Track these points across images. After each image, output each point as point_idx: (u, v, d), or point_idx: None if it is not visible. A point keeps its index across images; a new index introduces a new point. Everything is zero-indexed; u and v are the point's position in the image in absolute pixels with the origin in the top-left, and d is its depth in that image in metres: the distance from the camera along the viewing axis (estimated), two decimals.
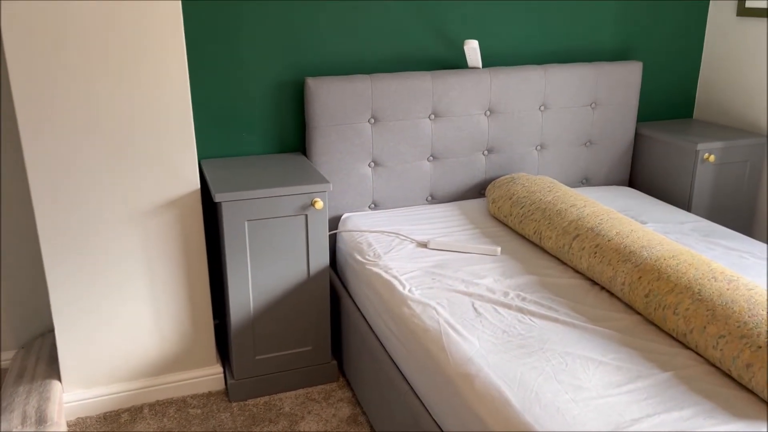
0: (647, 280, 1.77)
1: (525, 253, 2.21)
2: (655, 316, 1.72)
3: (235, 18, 2.30)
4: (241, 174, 2.22)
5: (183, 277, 2.18)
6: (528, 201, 2.36)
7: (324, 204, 2.14)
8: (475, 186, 2.73)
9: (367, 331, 2.09)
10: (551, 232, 2.17)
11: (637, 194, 2.79)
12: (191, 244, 2.16)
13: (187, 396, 2.28)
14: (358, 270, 2.20)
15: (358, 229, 2.39)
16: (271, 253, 2.14)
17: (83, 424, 2.13)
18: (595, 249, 1.98)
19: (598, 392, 1.45)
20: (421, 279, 2.01)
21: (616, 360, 1.57)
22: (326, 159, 2.44)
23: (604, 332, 1.70)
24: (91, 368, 2.16)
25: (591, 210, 2.18)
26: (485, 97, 2.61)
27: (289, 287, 2.21)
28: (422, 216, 2.52)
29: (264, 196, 2.07)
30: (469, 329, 1.72)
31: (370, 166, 2.53)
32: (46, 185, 1.95)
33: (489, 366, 1.55)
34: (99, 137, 1.96)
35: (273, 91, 2.43)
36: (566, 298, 1.89)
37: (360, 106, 2.43)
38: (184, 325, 2.24)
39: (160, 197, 2.08)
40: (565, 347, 1.63)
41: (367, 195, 2.56)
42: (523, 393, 1.44)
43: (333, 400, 2.27)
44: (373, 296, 2.06)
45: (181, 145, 2.05)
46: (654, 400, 1.42)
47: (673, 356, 1.60)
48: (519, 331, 1.71)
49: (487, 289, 1.94)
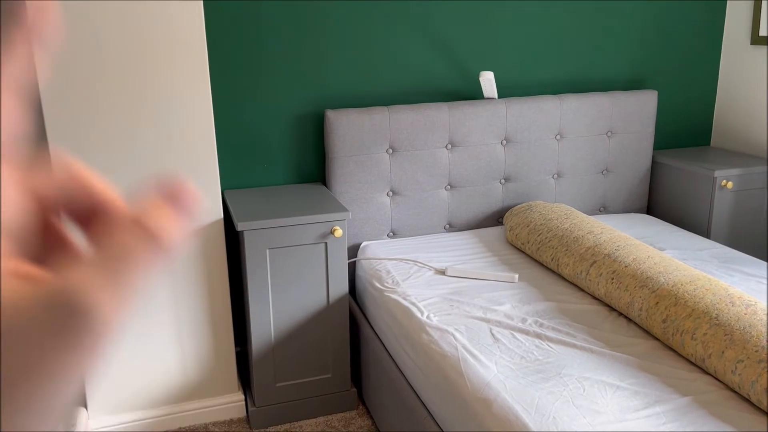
0: (665, 306, 1.78)
1: (542, 279, 2.22)
2: (673, 341, 1.72)
3: (256, 54, 2.39)
4: (262, 204, 2.28)
5: (206, 305, 2.23)
6: (545, 228, 2.38)
7: (343, 232, 2.19)
8: (492, 214, 2.76)
9: (386, 357, 2.11)
10: (568, 258, 2.18)
11: (655, 221, 2.79)
12: (214, 272, 2.21)
13: (209, 423, 2.31)
14: (376, 297, 2.23)
15: (376, 257, 2.42)
16: (292, 281, 2.19)
17: None
18: (612, 275, 1.99)
19: (615, 416, 1.45)
20: (440, 305, 2.03)
21: (634, 385, 1.58)
22: (345, 189, 2.50)
23: (621, 357, 1.70)
24: (117, 395, 2.20)
25: (608, 237, 2.20)
26: (501, 127, 2.66)
27: (309, 314, 2.24)
28: (440, 244, 2.55)
29: (285, 224, 2.12)
30: (487, 355, 1.73)
31: (388, 195, 2.58)
32: None
33: (506, 391, 1.56)
34: (126, 171, 2.03)
35: (293, 123, 2.50)
36: (584, 323, 1.90)
37: (378, 137, 2.49)
38: (206, 353, 2.28)
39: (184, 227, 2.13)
40: (583, 372, 1.63)
41: (385, 223, 2.60)
42: (540, 417, 1.45)
43: (353, 427, 2.28)
44: (392, 323, 2.08)
45: (206, 177, 2.12)
46: (673, 425, 1.42)
47: (691, 381, 1.60)
48: (537, 357, 1.72)
49: (505, 316, 1.95)
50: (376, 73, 2.56)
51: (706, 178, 2.71)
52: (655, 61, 2.97)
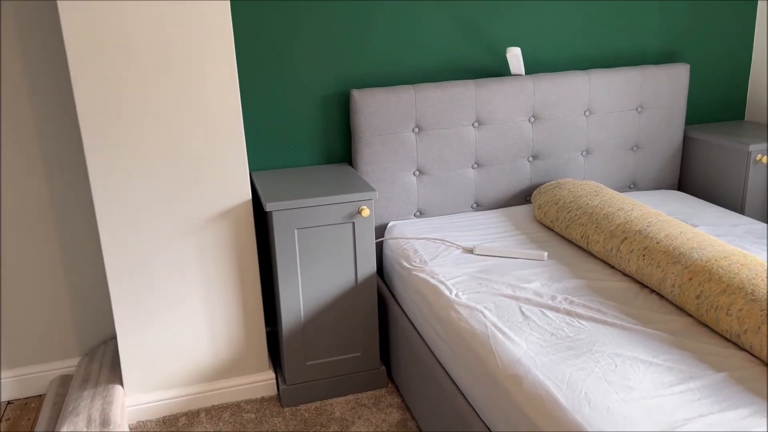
0: (698, 282, 1.75)
1: (572, 257, 2.20)
2: (707, 317, 1.69)
3: (283, 34, 2.39)
4: (290, 184, 2.29)
5: (236, 285, 2.26)
6: (574, 206, 2.35)
7: (370, 212, 2.19)
8: (520, 192, 2.73)
9: (414, 336, 2.12)
10: (598, 235, 2.16)
11: (688, 198, 2.74)
12: (244, 253, 2.23)
13: (241, 401, 2.34)
14: (404, 276, 2.24)
15: (404, 236, 2.42)
16: (320, 261, 2.20)
17: (144, 427, 2.22)
18: (644, 251, 1.96)
19: (648, 392, 1.44)
20: (468, 284, 2.03)
21: (668, 361, 1.56)
22: (372, 168, 2.50)
23: (654, 334, 1.68)
24: (151, 374, 2.25)
25: (639, 213, 2.16)
26: (529, 104, 2.62)
27: (338, 294, 2.26)
28: (467, 223, 2.53)
29: (313, 204, 2.13)
30: (517, 332, 1.73)
31: (415, 174, 2.57)
32: (108, 199, 2.05)
33: (537, 367, 1.55)
34: (155, 153, 2.06)
35: (319, 104, 2.50)
36: (615, 301, 1.88)
37: (404, 116, 2.47)
38: (237, 333, 2.31)
39: (214, 209, 2.16)
40: (615, 349, 1.62)
41: (412, 203, 2.59)
42: (572, 393, 1.45)
43: (383, 405, 2.30)
44: (420, 301, 2.09)
45: (234, 159, 2.14)
46: (708, 401, 1.40)
47: (726, 357, 1.57)
48: (567, 334, 1.71)
49: (534, 293, 1.94)
50: (401, 51, 2.54)
51: (739, 153, 2.65)
52: (687, 34, 2.89)
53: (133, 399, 2.25)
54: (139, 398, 2.26)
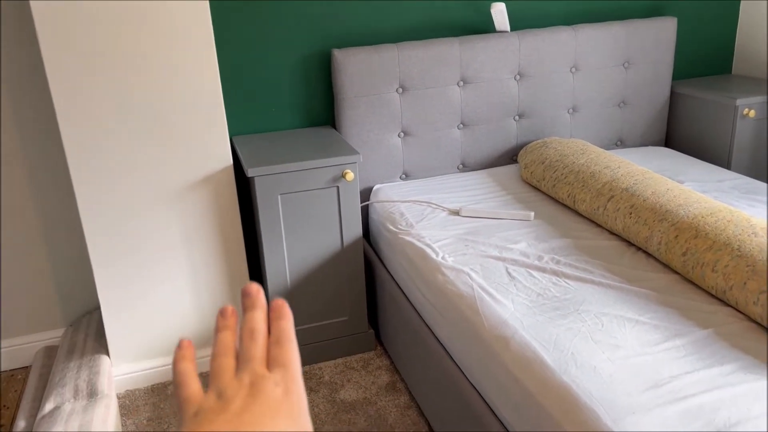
0: (684, 239, 1.74)
1: (559, 217, 2.19)
2: (693, 274, 1.69)
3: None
4: (272, 149, 2.24)
5: (220, 252, 2.23)
6: (561, 165, 2.33)
7: (355, 175, 2.15)
8: (506, 152, 2.70)
9: (402, 299, 2.11)
10: (585, 194, 2.14)
11: (674, 154, 2.72)
12: (227, 219, 2.20)
13: None
14: (391, 240, 2.22)
15: (389, 200, 2.40)
16: (305, 226, 2.17)
17: (132, 396, 2.21)
18: (631, 209, 1.95)
19: (635, 351, 1.44)
20: (454, 246, 2.01)
21: (654, 319, 1.56)
22: (356, 131, 2.45)
23: (640, 292, 1.68)
24: (138, 343, 2.24)
25: (625, 170, 2.15)
26: (514, 61, 2.57)
27: (324, 259, 2.24)
28: (454, 184, 2.51)
29: (295, 169, 2.09)
30: (504, 293, 1.72)
31: (399, 136, 2.53)
32: (85, 168, 2.00)
33: (524, 328, 1.55)
34: (132, 119, 2.00)
35: (299, 65, 2.43)
36: (601, 259, 1.88)
37: (387, 76, 2.42)
38: (223, 299, 2.29)
39: (194, 175, 2.12)
40: (601, 308, 1.62)
41: (397, 165, 2.56)
42: (558, 353, 1.44)
43: (371, 368, 2.30)
44: (407, 265, 2.07)
45: (212, 123, 2.08)
46: (693, 357, 1.41)
47: (712, 314, 1.57)
48: (554, 294, 1.70)
49: (521, 254, 1.93)
50: (383, 8, 2.47)
51: (727, 108, 2.62)
52: None
53: (120, 368, 2.24)
54: (127, 368, 2.24)
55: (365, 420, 2.04)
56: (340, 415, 2.07)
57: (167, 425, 2.06)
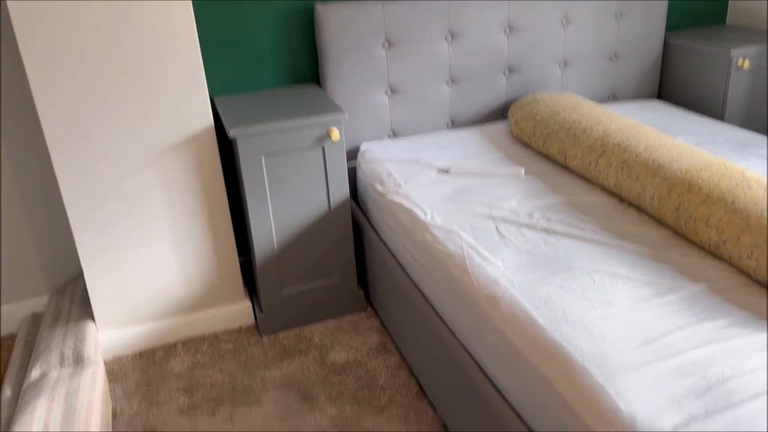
0: (677, 193, 1.71)
1: (550, 173, 2.15)
2: (686, 229, 1.66)
3: None
4: (254, 108, 2.17)
5: (205, 215, 2.18)
6: (552, 120, 2.27)
7: (340, 134, 2.09)
8: (496, 108, 2.64)
9: (391, 260, 2.08)
10: (576, 150, 2.09)
11: (668, 107, 2.67)
12: (210, 182, 2.14)
13: (218, 331, 2.32)
14: (378, 200, 2.17)
15: (377, 159, 2.34)
16: (291, 188, 2.12)
17: (120, 362, 2.19)
18: (623, 165, 1.91)
19: (627, 307, 1.41)
20: (443, 205, 1.97)
21: (646, 275, 1.53)
22: (341, 89, 2.38)
23: (632, 248, 1.65)
24: (123, 309, 2.20)
25: (618, 125, 2.10)
26: (504, 14, 2.49)
27: (311, 221, 2.19)
28: (443, 142, 2.45)
29: (279, 129, 2.03)
30: (493, 252, 1.69)
31: (386, 93, 2.46)
32: (61, 132, 1.93)
33: (514, 287, 1.52)
34: (108, 80, 1.92)
35: (282, 21, 2.34)
36: (593, 216, 1.84)
37: (373, 31, 2.33)
38: (209, 263, 2.25)
39: (174, 137, 2.05)
40: (593, 265, 1.59)
41: (385, 123, 2.50)
42: (549, 312, 1.42)
43: (361, 329, 2.28)
44: (395, 225, 2.03)
45: (191, 82, 2.01)
46: (686, 313, 1.38)
47: (705, 268, 1.55)
48: (544, 252, 1.67)
49: (511, 212, 1.89)
50: None
51: (721, 59, 2.56)
52: None
53: (106, 335, 2.21)
54: (113, 334, 2.21)
55: (355, 381, 2.03)
56: (330, 377, 2.05)
57: (156, 391, 2.04)
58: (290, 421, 1.89)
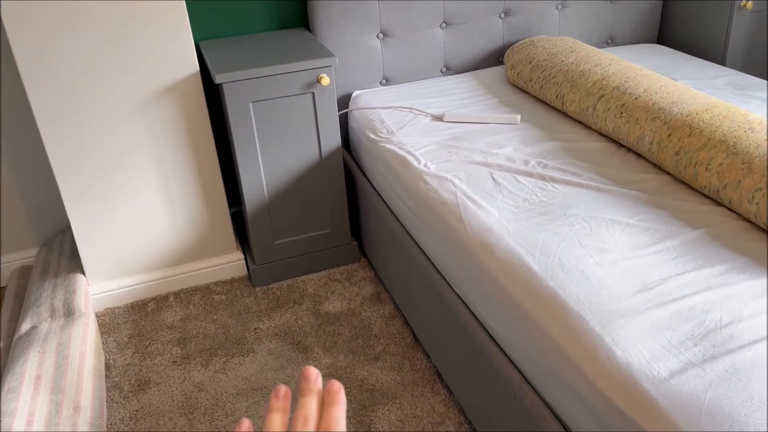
0: (678, 137, 1.66)
1: (547, 119, 2.09)
2: (685, 174, 1.62)
3: None
4: (241, 53, 2.09)
5: (193, 165, 2.13)
6: (549, 64, 2.20)
7: (331, 80, 2.02)
8: (492, 53, 2.56)
9: (384, 209, 2.04)
10: (574, 94, 2.03)
11: (667, 51, 2.60)
12: (197, 130, 2.08)
13: (210, 283, 2.30)
14: (371, 148, 2.12)
15: (369, 106, 2.28)
16: (280, 136, 2.06)
17: (111, 314, 2.17)
18: (621, 108, 1.85)
19: (624, 254, 1.39)
20: (437, 153, 1.92)
21: (644, 221, 1.50)
22: (331, 33, 2.29)
23: (630, 194, 1.62)
24: (113, 261, 2.17)
25: (617, 68, 2.03)
26: None
27: (302, 170, 2.14)
28: (437, 88, 2.38)
29: (266, 74, 1.96)
30: (488, 200, 1.65)
31: (378, 37, 2.37)
32: (42, 82, 1.85)
33: (509, 235, 1.49)
34: (89, 28, 1.83)
35: None
36: (590, 162, 1.80)
37: None
38: (200, 214, 2.21)
39: (158, 84, 1.98)
40: (590, 212, 1.55)
41: (377, 69, 2.42)
42: (545, 259, 1.39)
43: (355, 279, 2.26)
44: (389, 174, 1.99)
45: (174, 26, 1.92)
46: (684, 259, 1.36)
47: (704, 214, 1.52)
48: (540, 199, 1.63)
49: (507, 159, 1.85)
50: None
51: None
52: None
53: (97, 287, 2.18)
54: (104, 286, 2.19)
55: (349, 331, 2.02)
56: (324, 326, 2.04)
57: (149, 342, 2.03)
58: (284, 370, 1.88)
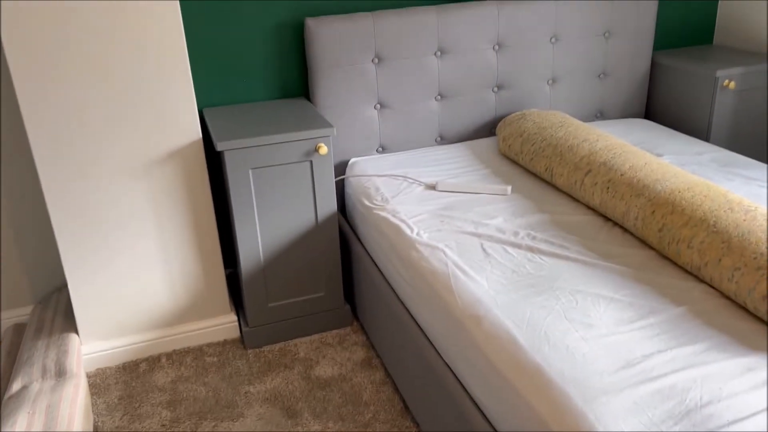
0: (661, 214, 1.72)
1: (536, 191, 2.16)
2: (669, 250, 1.67)
3: None
4: (243, 121, 2.17)
5: (191, 228, 2.17)
6: (539, 137, 2.29)
7: (329, 149, 2.10)
8: (485, 125, 2.65)
9: (377, 275, 2.08)
10: (563, 168, 2.11)
11: (654, 126, 2.70)
12: (197, 194, 2.14)
13: (203, 345, 2.31)
14: (366, 215, 2.18)
15: (365, 174, 2.35)
16: (278, 201, 2.12)
17: (103, 375, 2.17)
18: (608, 184, 1.92)
19: (608, 329, 1.42)
20: (430, 222, 1.98)
21: (628, 296, 1.54)
22: (330, 103, 2.38)
23: (616, 269, 1.66)
24: (107, 321, 2.19)
25: (604, 144, 2.11)
26: (493, 31, 2.51)
27: (299, 234, 2.19)
28: (431, 158, 2.46)
29: (267, 143, 2.03)
30: (478, 270, 1.69)
31: (376, 108, 2.47)
32: (47, 142, 1.92)
33: (497, 306, 1.53)
34: (97, 92, 1.92)
35: (272, 34, 2.35)
36: (578, 235, 1.85)
37: (363, 46, 2.35)
38: (196, 276, 2.24)
39: (162, 149, 2.05)
40: (576, 285, 1.60)
41: (374, 138, 2.50)
42: (531, 332, 1.42)
43: (347, 344, 2.28)
44: (382, 241, 2.03)
45: (180, 94, 2.01)
46: (666, 336, 1.39)
47: (686, 291, 1.56)
48: (528, 271, 1.68)
49: (497, 230, 1.90)
50: None
51: (707, 79, 2.59)
52: None
53: (90, 347, 2.19)
54: (97, 346, 2.20)
55: (340, 397, 2.02)
56: (314, 392, 2.05)
57: (138, 404, 2.03)
58: None
